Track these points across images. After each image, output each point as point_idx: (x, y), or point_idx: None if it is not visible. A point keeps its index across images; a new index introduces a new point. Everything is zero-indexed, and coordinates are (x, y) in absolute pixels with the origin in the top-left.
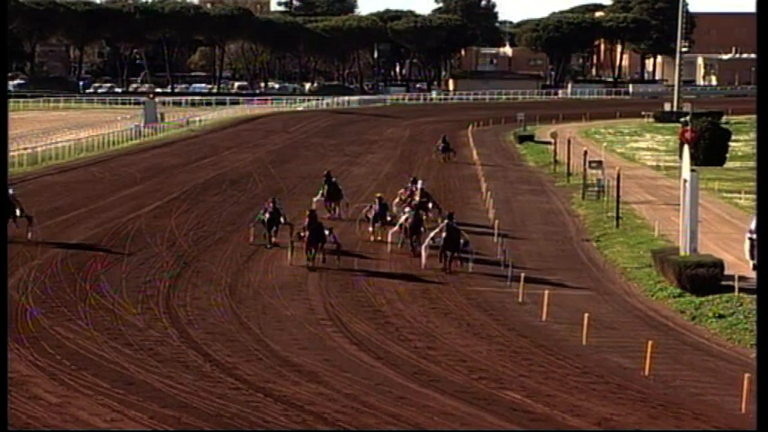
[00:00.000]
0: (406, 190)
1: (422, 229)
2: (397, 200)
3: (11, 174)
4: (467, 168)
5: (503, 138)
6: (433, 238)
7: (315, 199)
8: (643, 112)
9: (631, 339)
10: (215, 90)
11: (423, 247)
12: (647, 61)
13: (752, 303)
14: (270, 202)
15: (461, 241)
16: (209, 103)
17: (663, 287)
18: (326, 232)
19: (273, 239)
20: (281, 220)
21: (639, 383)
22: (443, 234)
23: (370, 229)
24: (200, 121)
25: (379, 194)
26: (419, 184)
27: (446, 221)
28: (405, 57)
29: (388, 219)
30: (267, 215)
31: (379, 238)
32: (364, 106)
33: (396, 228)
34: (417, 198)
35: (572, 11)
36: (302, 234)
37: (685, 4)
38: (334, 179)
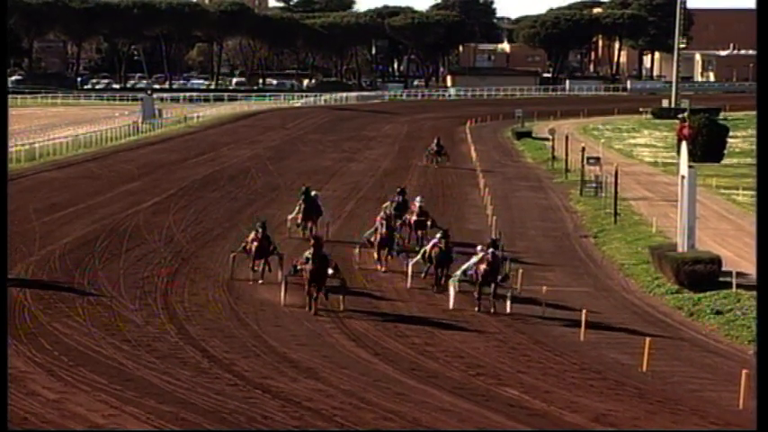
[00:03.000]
0: (393, 203)
1: (452, 258)
2: (380, 215)
3: (9, 170)
4: (464, 164)
5: (501, 134)
6: (465, 271)
7: (290, 216)
8: (641, 109)
9: (629, 336)
10: (213, 86)
11: (451, 281)
12: (644, 57)
13: (750, 300)
14: (258, 228)
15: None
16: (206, 100)
17: (660, 283)
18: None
19: (259, 274)
20: (272, 249)
21: (637, 380)
22: (484, 266)
23: (376, 256)
24: (198, 117)
25: (384, 212)
26: (418, 201)
27: (490, 250)
28: (403, 53)
29: (398, 245)
30: (255, 244)
31: (383, 268)
32: (362, 102)
33: (417, 257)
34: (414, 216)
35: (570, 7)
36: (300, 267)
37: (683, 1)
38: (314, 193)
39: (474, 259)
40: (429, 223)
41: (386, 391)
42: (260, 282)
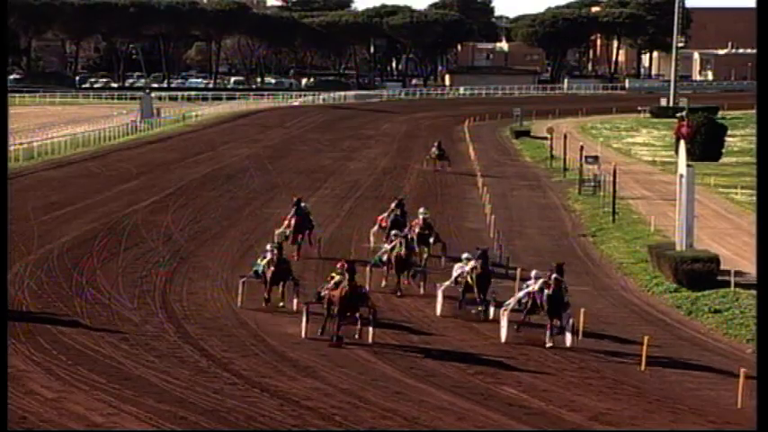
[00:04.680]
0: (389, 215)
1: (491, 280)
2: (375, 228)
3: (7, 169)
4: (463, 164)
5: (499, 133)
6: (520, 300)
7: (277, 231)
8: (639, 108)
9: (627, 334)
10: (211, 85)
11: (503, 310)
12: (643, 56)
13: (748, 298)
14: (273, 250)
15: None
16: (205, 99)
17: (659, 282)
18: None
19: (275, 300)
20: (289, 274)
21: (635, 378)
22: (546, 292)
23: (395, 280)
24: (196, 116)
25: (396, 232)
26: (422, 213)
27: (554, 275)
28: (401, 52)
29: (418, 267)
30: (271, 269)
31: (399, 294)
32: (360, 101)
33: (448, 282)
34: (417, 230)
35: (568, 6)
36: (325, 294)
37: (682, 0)
38: (304, 205)
39: (534, 286)
40: (432, 239)
41: (384, 390)
42: (267, 301)
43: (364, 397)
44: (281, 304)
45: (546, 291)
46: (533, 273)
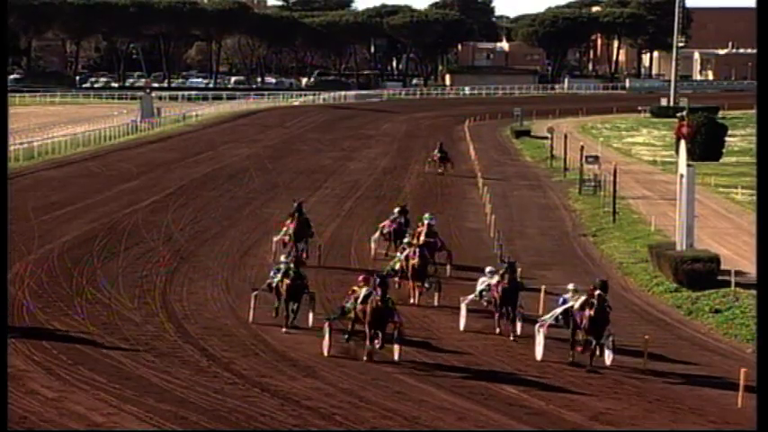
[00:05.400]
0: (392, 222)
1: (519, 294)
2: (376, 234)
3: (7, 169)
4: (463, 163)
5: (499, 133)
6: (557, 317)
7: (275, 239)
8: (640, 107)
9: (628, 334)
10: (212, 85)
11: (538, 327)
12: (643, 56)
13: (748, 298)
14: (290, 264)
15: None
16: (205, 98)
17: (659, 282)
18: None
19: (292, 318)
20: (306, 289)
21: (636, 378)
22: (589, 311)
23: (412, 288)
24: (196, 115)
25: (409, 240)
26: (427, 219)
27: (597, 292)
28: (401, 52)
29: (433, 278)
30: (287, 281)
31: (415, 301)
32: (361, 101)
33: (472, 296)
34: (422, 237)
35: (569, 6)
36: (358, 310)
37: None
38: (304, 212)
39: (575, 303)
40: (438, 246)
41: (384, 390)
42: (288, 327)
43: (365, 397)
44: (287, 323)
45: (588, 311)
46: (570, 286)
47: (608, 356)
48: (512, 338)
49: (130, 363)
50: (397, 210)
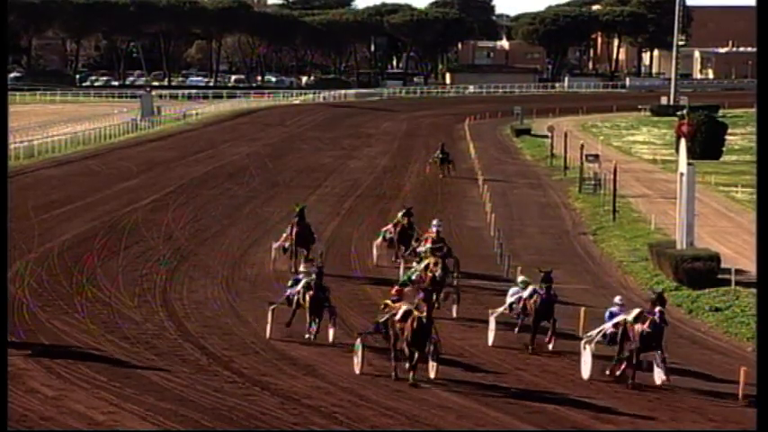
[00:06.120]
0: (396, 225)
1: (553, 309)
2: (379, 240)
3: (8, 167)
4: (463, 162)
5: (500, 131)
6: (605, 334)
7: (275, 245)
8: (640, 106)
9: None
10: (212, 83)
11: (585, 342)
12: (643, 55)
13: (748, 297)
14: (312, 274)
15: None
16: (205, 97)
17: (659, 280)
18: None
19: (312, 330)
20: (328, 302)
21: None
22: (643, 326)
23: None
24: (197, 114)
25: (429, 255)
26: (435, 225)
27: (658, 308)
28: (402, 50)
29: (452, 288)
30: (310, 293)
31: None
32: (361, 100)
33: (501, 309)
34: (429, 243)
35: (569, 4)
36: (398, 327)
37: None
38: (306, 218)
39: (627, 317)
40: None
41: (384, 389)
42: (308, 336)
43: (365, 395)
44: (308, 336)
45: (640, 325)
46: (617, 299)
47: (660, 375)
48: (550, 347)
49: (130, 361)
50: (400, 213)
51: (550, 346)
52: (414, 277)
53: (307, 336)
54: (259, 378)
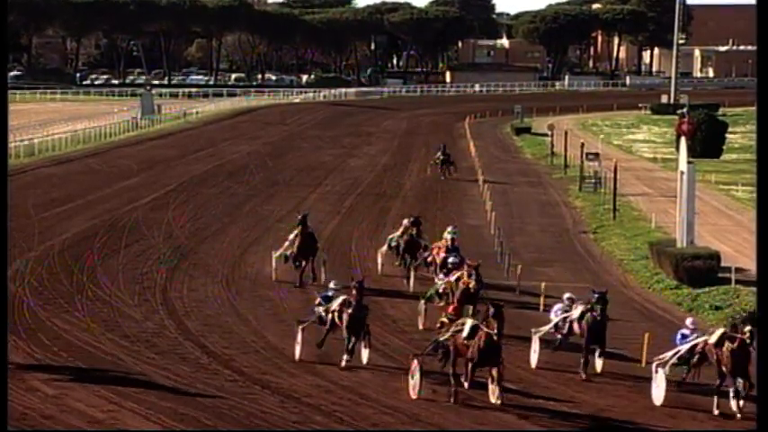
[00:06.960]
0: (403, 234)
1: (606, 328)
2: (384, 247)
3: (8, 166)
4: (464, 160)
5: (500, 130)
6: (680, 357)
7: (276, 254)
8: (640, 104)
9: (628, 331)
10: (212, 82)
11: (657, 364)
12: (644, 53)
13: (749, 295)
14: (353, 286)
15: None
16: (205, 95)
17: (660, 279)
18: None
19: (348, 354)
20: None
21: (636, 376)
22: (730, 346)
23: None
24: (197, 112)
25: (452, 262)
26: (449, 233)
27: (748, 328)
28: (402, 49)
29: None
30: (350, 310)
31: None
32: (361, 98)
33: (546, 328)
34: (443, 252)
35: (569, 3)
36: (458, 345)
37: None
38: (309, 226)
39: (710, 338)
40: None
41: (385, 387)
42: (346, 359)
43: (365, 394)
44: (346, 359)
45: (729, 345)
46: (688, 321)
47: (738, 404)
48: (583, 376)
49: (131, 360)
50: (407, 221)
51: (599, 369)
52: (440, 290)
53: (344, 362)
54: (259, 377)
